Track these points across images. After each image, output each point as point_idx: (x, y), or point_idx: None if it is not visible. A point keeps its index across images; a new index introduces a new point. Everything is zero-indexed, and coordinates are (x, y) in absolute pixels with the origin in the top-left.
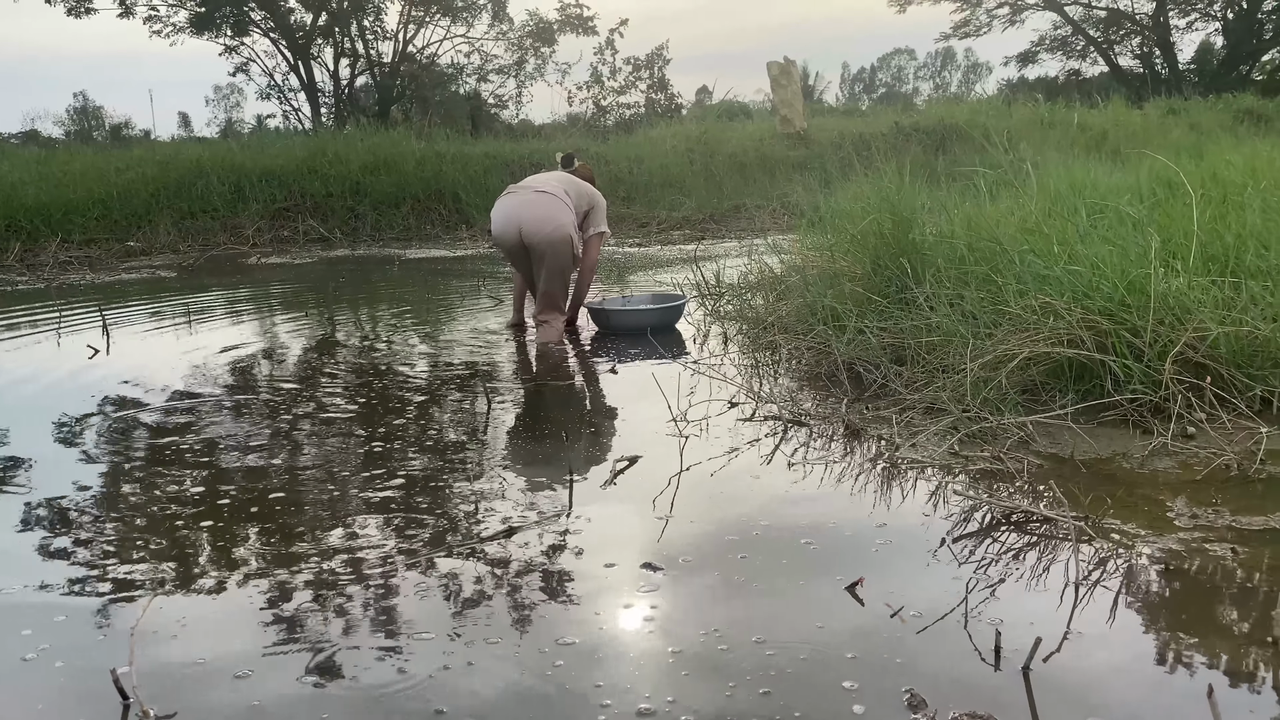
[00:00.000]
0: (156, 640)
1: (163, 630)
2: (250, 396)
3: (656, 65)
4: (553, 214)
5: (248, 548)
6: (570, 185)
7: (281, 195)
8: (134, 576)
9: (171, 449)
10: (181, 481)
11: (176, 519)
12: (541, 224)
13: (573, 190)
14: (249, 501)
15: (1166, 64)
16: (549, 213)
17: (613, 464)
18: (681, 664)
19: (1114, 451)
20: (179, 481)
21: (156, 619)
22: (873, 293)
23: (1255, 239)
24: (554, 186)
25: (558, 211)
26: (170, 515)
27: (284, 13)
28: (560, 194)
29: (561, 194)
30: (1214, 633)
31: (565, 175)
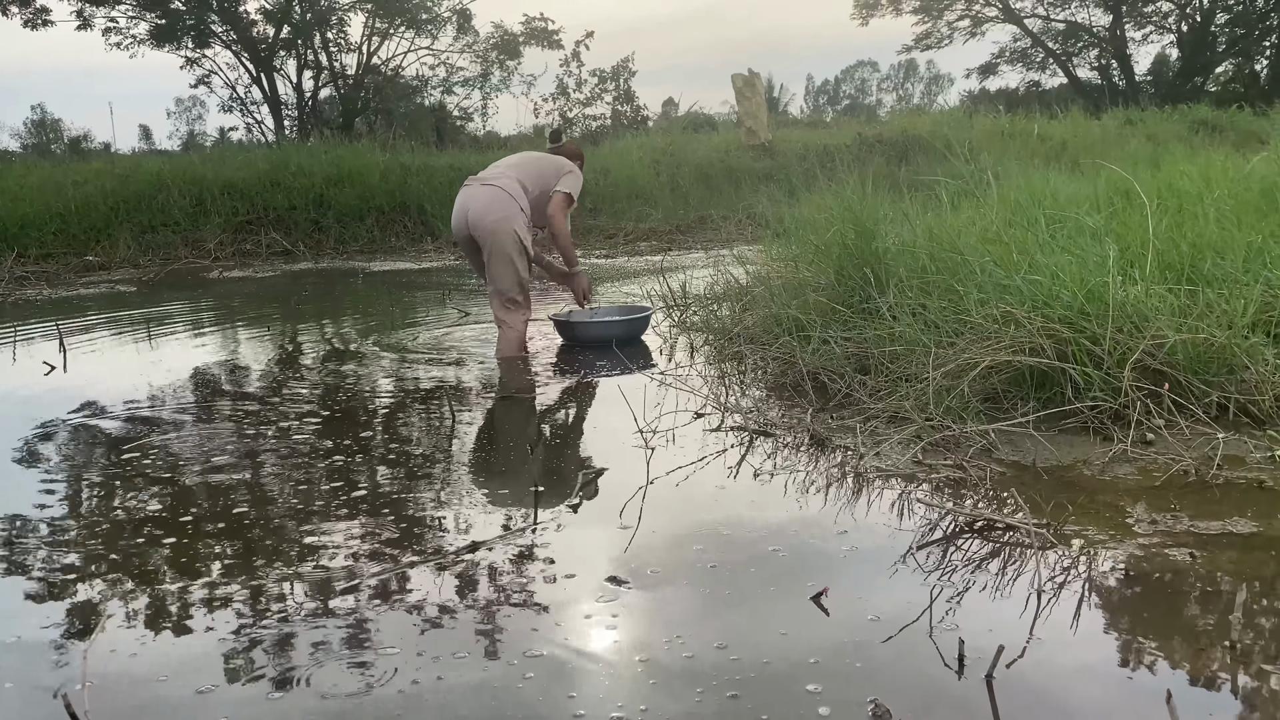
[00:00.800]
0: (115, 658)
1: (122, 648)
2: (212, 412)
3: (622, 77)
4: (494, 206)
5: (210, 564)
6: (533, 168)
7: (244, 208)
8: (92, 595)
9: (131, 465)
10: (141, 498)
11: (136, 536)
12: (483, 215)
13: (532, 173)
14: (211, 517)
15: (1124, 76)
16: (490, 205)
17: (579, 476)
18: (650, 673)
19: (1075, 458)
20: (138, 498)
21: (116, 636)
22: (837, 303)
23: (1210, 248)
24: (505, 177)
25: (501, 204)
26: (129, 532)
27: (246, 25)
28: (508, 185)
29: (510, 184)
30: (1174, 637)
31: (532, 157)
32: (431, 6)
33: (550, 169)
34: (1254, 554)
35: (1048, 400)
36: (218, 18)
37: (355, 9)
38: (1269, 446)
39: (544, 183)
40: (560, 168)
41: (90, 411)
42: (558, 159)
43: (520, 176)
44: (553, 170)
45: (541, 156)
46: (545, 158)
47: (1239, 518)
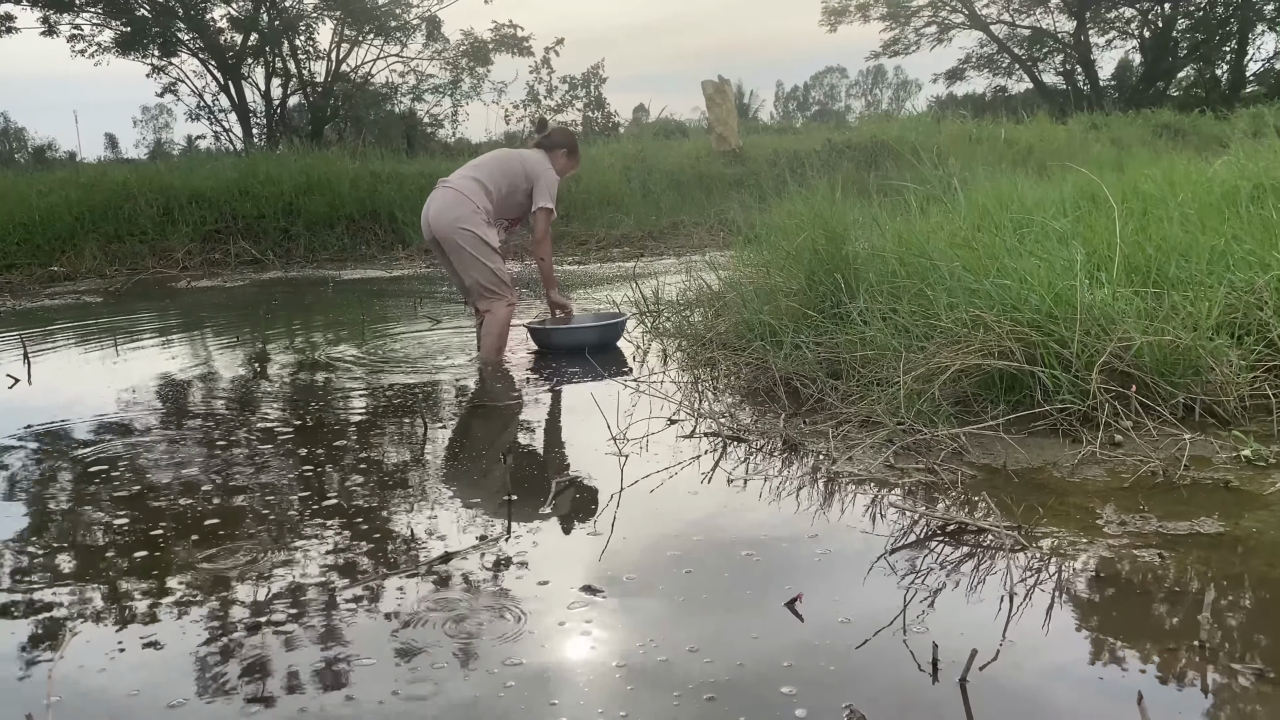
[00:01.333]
0: (84, 674)
1: (90, 664)
2: (181, 423)
3: (593, 84)
4: (446, 208)
5: (181, 576)
6: (496, 167)
7: (212, 217)
8: (58, 610)
9: (100, 477)
10: (110, 511)
11: (105, 549)
12: (438, 218)
13: (495, 171)
14: (180, 530)
15: (1088, 80)
16: (443, 207)
17: (552, 485)
18: (628, 679)
19: (1045, 461)
20: (107, 511)
21: (84, 653)
22: (808, 308)
23: (1175, 250)
24: (462, 178)
25: (455, 205)
26: (98, 545)
27: (213, 33)
28: (462, 185)
29: (465, 184)
30: (1144, 637)
31: (497, 155)
32: (400, 14)
33: (517, 168)
34: (1221, 553)
35: (1017, 403)
36: (184, 25)
37: (323, 16)
38: (1234, 447)
39: (511, 180)
40: (531, 168)
41: (56, 424)
42: (529, 156)
43: (479, 175)
44: (520, 169)
45: (508, 155)
46: (511, 156)
47: (1206, 518)
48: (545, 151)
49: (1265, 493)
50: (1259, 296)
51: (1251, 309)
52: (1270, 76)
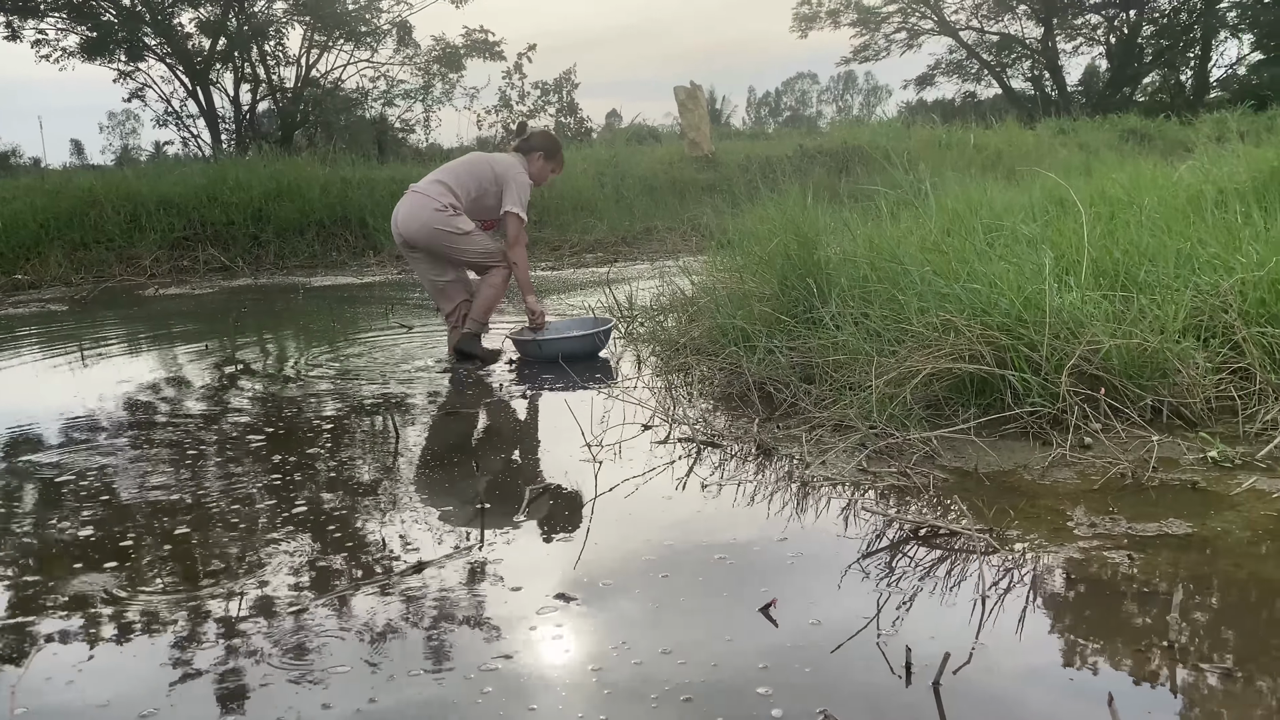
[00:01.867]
0: (51, 687)
1: (58, 676)
2: (148, 432)
3: (565, 89)
4: (415, 213)
5: (151, 586)
6: (464, 171)
7: (180, 224)
8: (24, 622)
9: (65, 487)
10: (77, 521)
11: (70, 560)
12: (408, 223)
13: (463, 175)
14: (149, 540)
15: (1056, 86)
16: (410, 212)
17: (526, 492)
18: (604, 683)
19: (1015, 463)
20: (74, 521)
21: (51, 664)
22: (781, 313)
23: (1142, 254)
24: (429, 181)
25: (421, 209)
26: (62, 556)
27: (180, 38)
28: (427, 188)
29: (431, 187)
30: (1115, 638)
31: (466, 160)
32: (371, 19)
33: (485, 171)
34: (1189, 554)
35: (988, 406)
36: (151, 30)
37: (293, 21)
38: (1201, 448)
39: (480, 184)
40: (502, 171)
41: (20, 433)
42: (500, 160)
43: (445, 179)
44: (489, 173)
45: (478, 158)
46: (481, 160)
47: (1174, 519)
48: (523, 155)
49: (1232, 493)
50: (1224, 299)
51: (1217, 312)
52: (1233, 82)
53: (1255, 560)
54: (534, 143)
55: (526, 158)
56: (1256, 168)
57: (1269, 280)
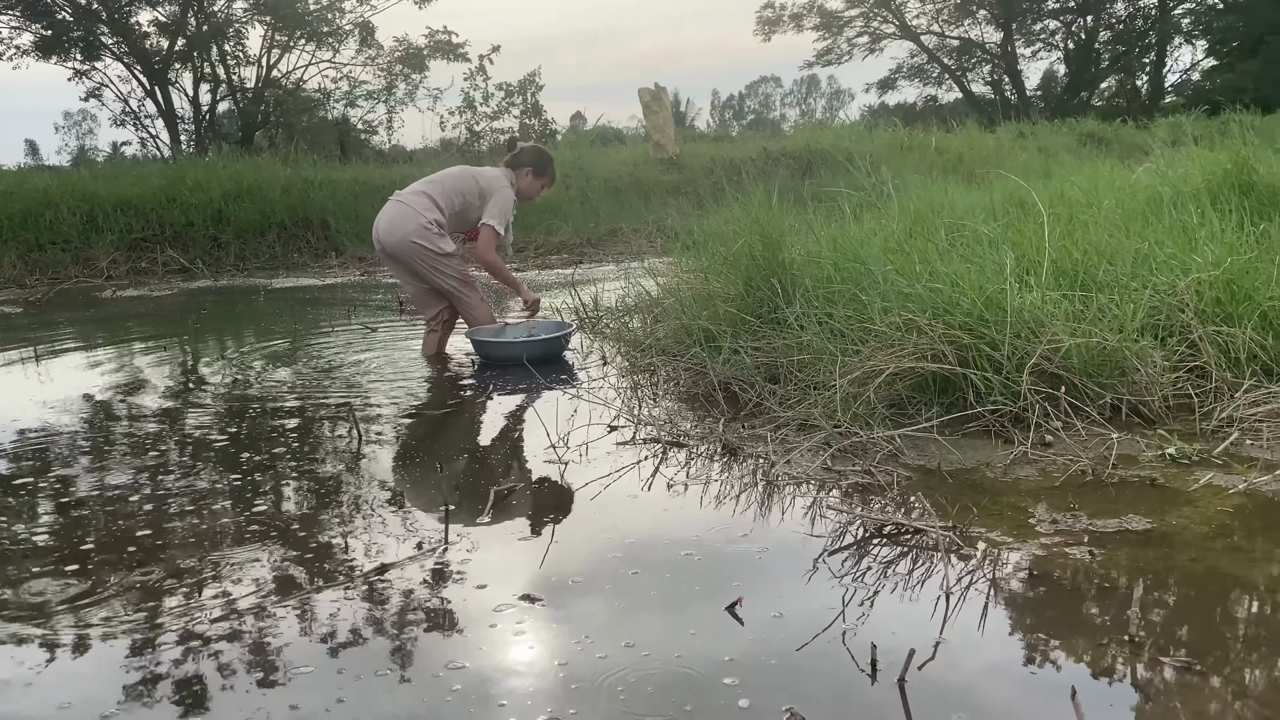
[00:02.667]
0: (9, 688)
1: (16, 677)
2: (106, 436)
3: (529, 91)
4: (394, 223)
5: (110, 589)
6: (448, 183)
7: (138, 225)
8: None
9: (24, 491)
10: (34, 524)
11: (30, 563)
12: (389, 233)
13: (447, 188)
14: (109, 542)
15: (1015, 90)
16: (390, 222)
17: (490, 493)
18: (572, 679)
19: (978, 461)
20: (30, 524)
21: (8, 667)
22: (746, 313)
23: (1101, 254)
24: (411, 192)
25: (404, 219)
26: (21, 559)
27: (138, 37)
28: (409, 199)
29: (413, 198)
30: (1077, 633)
31: (450, 173)
32: (333, 19)
33: (470, 184)
34: (1149, 550)
35: (950, 405)
36: (108, 29)
37: (253, 21)
38: (1159, 445)
39: (465, 197)
40: (486, 184)
41: None
42: (485, 173)
43: (429, 190)
44: (474, 186)
45: (464, 171)
46: (466, 173)
47: (1134, 515)
48: (512, 170)
49: (1189, 489)
50: (1180, 299)
51: (1174, 311)
52: (1187, 87)
53: (1212, 555)
54: (523, 158)
55: (515, 173)
56: (1210, 170)
57: (1224, 280)
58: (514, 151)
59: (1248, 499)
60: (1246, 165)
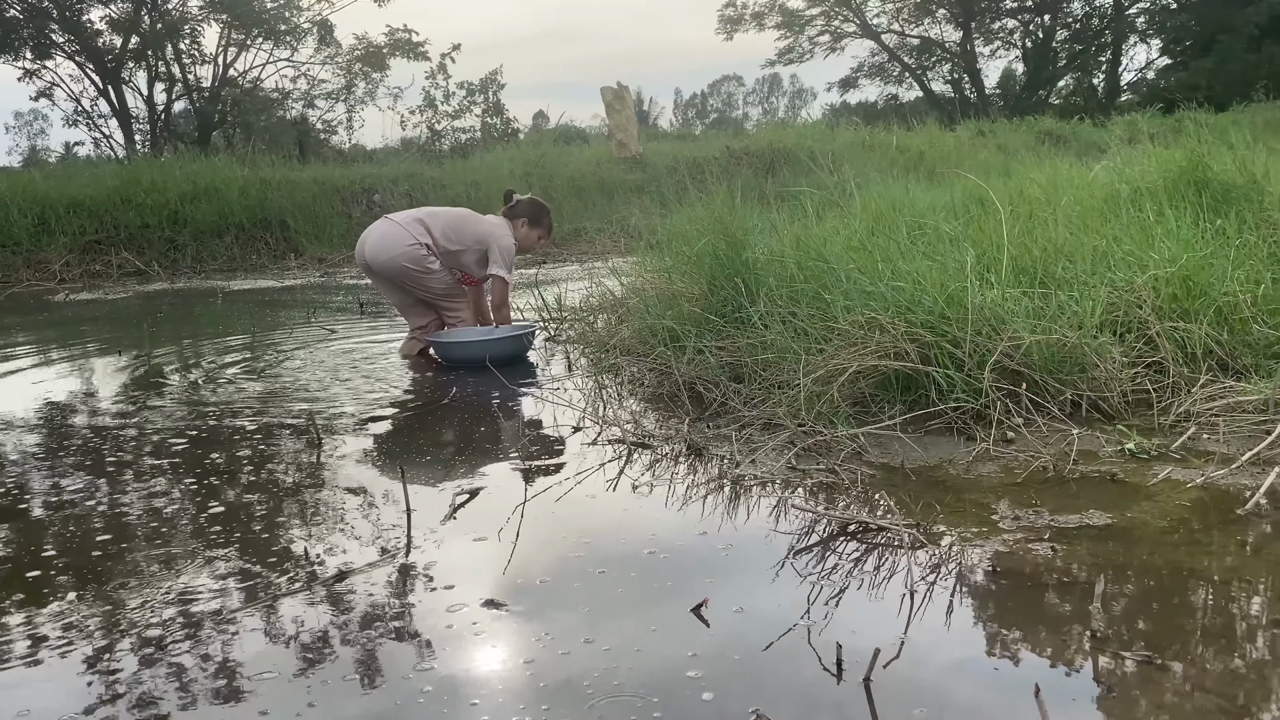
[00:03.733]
0: None
1: None
2: (60, 443)
3: (491, 90)
4: (386, 244)
5: (67, 602)
6: (451, 220)
7: (92, 227)
8: None
9: None
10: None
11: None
12: (376, 253)
13: (445, 223)
14: (64, 553)
15: (975, 89)
16: (380, 242)
17: (452, 497)
18: (539, 677)
19: (941, 459)
20: None
21: None
22: (710, 312)
23: (1061, 252)
24: (406, 215)
25: (393, 239)
26: None
27: (90, 35)
28: (404, 220)
29: (409, 222)
30: (1040, 628)
31: (455, 211)
32: (291, 18)
33: (470, 230)
34: (1109, 545)
35: (913, 403)
36: (59, 27)
37: (209, 19)
38: (1118, 440)
39: (461, 240)
40: (486, 231)
41: None
42: (487, 220)
43: (424, 218)
44: (473, 230)
45: (466, 215)
46: (469, 215)
47: (1095, 510)
48: (509, 221)
49: (1148, 484)
50: (1138, 295)
51: (1132, 307)
52: (1143, 86)
53: (1171, 549)
54: (519, 210)
55: (513, 224)
56: (1166, 168)
57: (1180, 276)
58: (510, 204)
59: (1204, 492)
60: (1201, 162)
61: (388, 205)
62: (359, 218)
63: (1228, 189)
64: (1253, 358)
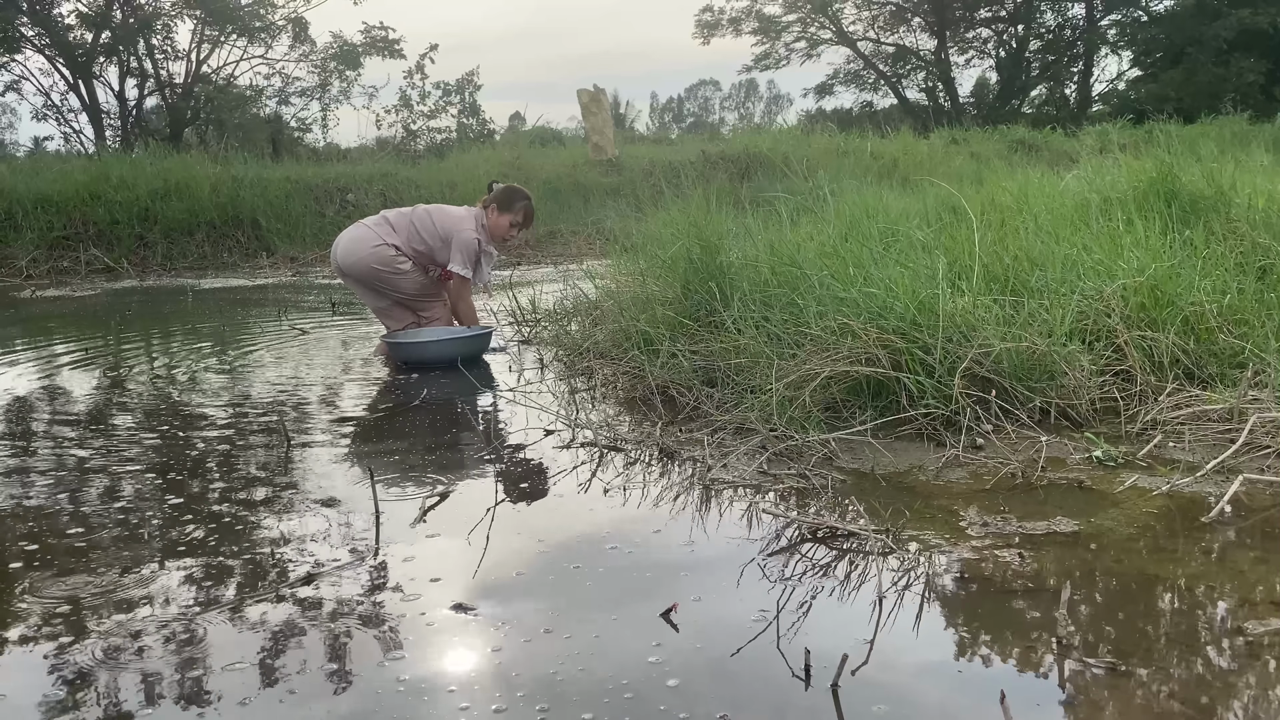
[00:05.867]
0: None
1: None
2: (23, 443)
3: (467, 90)
4: (354, 247)
5: (28, 604)
6: (417, 217)
7: (60, 223)
8: None
9: None
10: None
11: None
12: (346, 256)
13: (409, 224)
14: (27, 555)
15: (949, 97)
16: (351, 244)
17: (422, 500)
18: (510, 670)
19: (910, 464)
20: None
21: None
22: (684, 316)
23: (1031, 260)
24: (375, 217)
25: (360, 241)
26: None
27: (60, 29)
28: (373, 223)
29: (380, 225)
30: (1006, 635)
31: (419, 209)
32: (265, 14)
33: (427, 225)
34: (1076, 551)
35: (884, 408)
36: (28, 20)
37: (182, 15)
38: (1086, 448)
39: (423, 238)
40: (448, 225)
41: None
42: (450, 212)
43: (390, 216)
44: (439, 226)
45: (436, 209)
46: (430, 209)
47: (1062, 517)
48: (484, 209)
49: (1115, 491)
50: (1107, 304)
51: (1100, 316)
52: (1113, 97)
53: (1137, 556)
54: (490, 197)
55: (486, 211)
56: (1136, 178)
57: (1148, 286)
58: (488, 194)
59: (1170, 500)
60: (1170, 173)
61: (362, 204)
62: (332, 217)
63: (1196, 200)
64: (1218, 367)
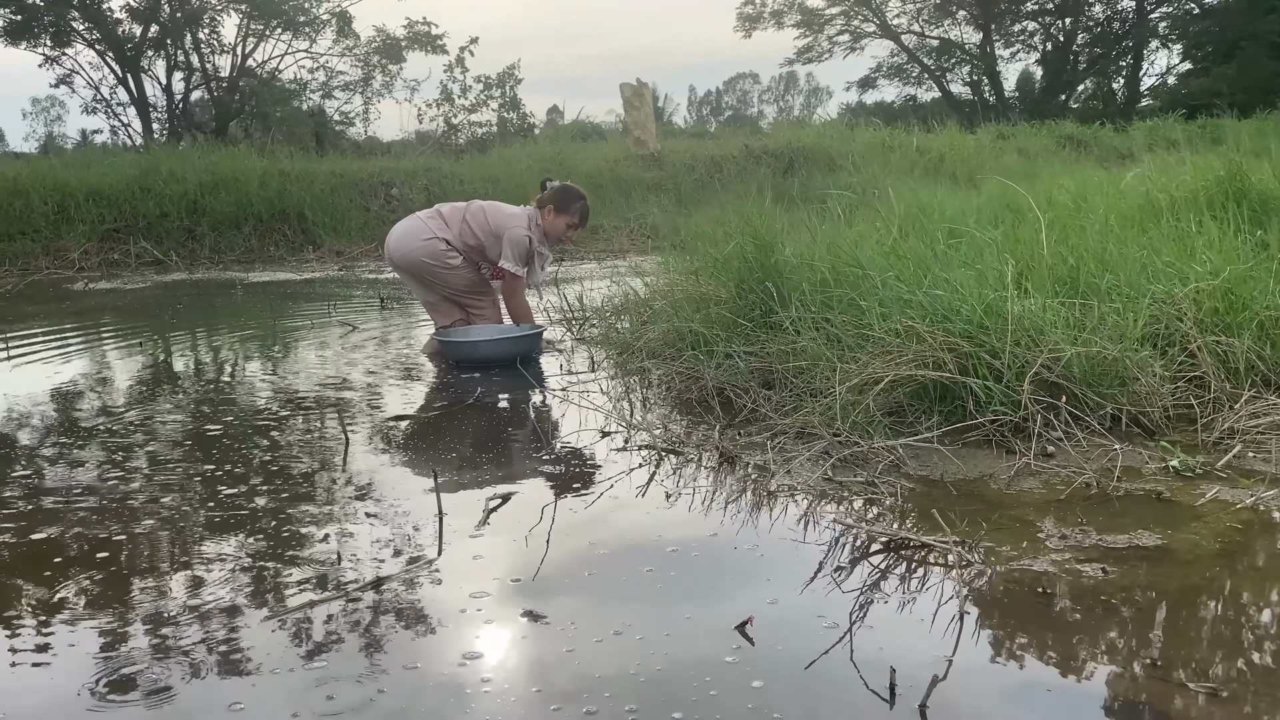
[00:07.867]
0: None
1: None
2: (79, 436)
3: (508, 84)
4: (405, 240)
5: (80, 599)
6: (472, 212)
7: (111, 215)
8: None
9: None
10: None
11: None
12: (397, 247)
13: (462, 220)
14: (80, 550)
15: (994, 91)
16: (400, 238)
17: (485, 501)
18: (593, 667)
19: (981, 472)
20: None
21: None
22: (739, 316)
23: (1099, 262)
24: (429, 210)
25: (413, 233)
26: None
27: (110, 23)
28: (426, 217)
29: (432, 218)
30: (1098, 655)
31: (479, 204)
32: (309, 8)
33: (482, 222)
34: (1163, 567)
35: (949, 414)
36: (79, 15)
37: (228, 9)
38: (1162, 457)
39: (475, 235)
40: (500, 222)
41: None
42: (502, 210)
43: (447, 213)
44: (491, 223)
45: (491, 206)
46: (484, 206)
47: (1143, 530)
48: (539, 209)
49: (1197, 504)
50: (1179, 308)
51: (1172, 320)
52: (1163, 91)
53: (1229, 574)
54: (546, 196)
55: (541, 211)
56: (1204, 176)
57: (1222, 289)
58: (543, 193)
59: (1255, 514)
60: (1240, 172)
61: (406, 199)
62: (377, 211)
63: (1266, 199)
64: None
